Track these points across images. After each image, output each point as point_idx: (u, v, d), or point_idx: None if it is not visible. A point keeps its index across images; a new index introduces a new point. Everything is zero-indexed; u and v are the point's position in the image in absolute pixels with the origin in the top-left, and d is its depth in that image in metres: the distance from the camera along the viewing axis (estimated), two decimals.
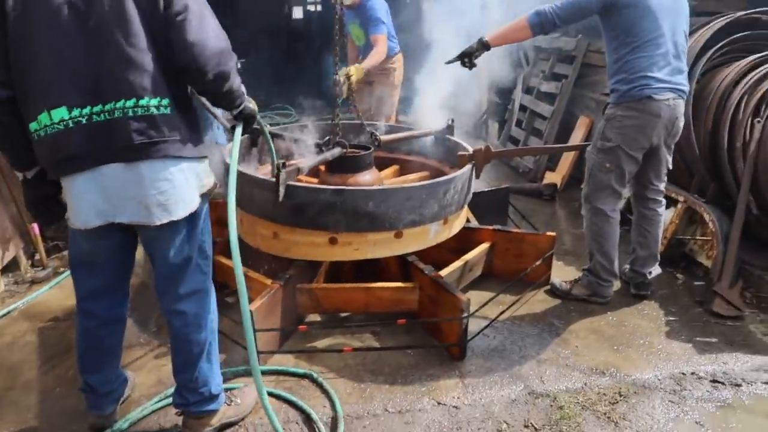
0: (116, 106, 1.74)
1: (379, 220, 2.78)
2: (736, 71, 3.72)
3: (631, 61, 2.87)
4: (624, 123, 2.94)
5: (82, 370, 2.20)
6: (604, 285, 3.26)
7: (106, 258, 2.04)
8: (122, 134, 1.76)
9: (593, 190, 3.14)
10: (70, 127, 1.74)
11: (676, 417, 2.44)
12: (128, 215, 1.86)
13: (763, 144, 3.33)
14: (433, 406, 2.46)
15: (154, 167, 1.82)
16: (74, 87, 1.73)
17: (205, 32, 1.77)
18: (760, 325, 3.13)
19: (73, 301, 3.20)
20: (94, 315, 2.12)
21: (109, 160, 1.78)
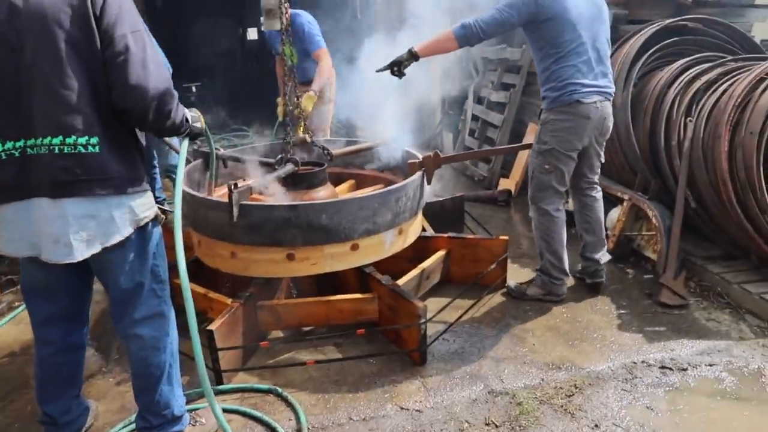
0: (43, 143, 1.75)
1: (334, 232, 2.84)
2: (669, 74, 3.94)
3: (558, 70, 3.05)
4: (557, 126, 3.11)
5: (40, 401, 2.18)
6: (557, 283, 3.40)
7: (56, 285, 2.03)
8: (49, 170, 1.76)
9: (536, 191, 3.29)
10: (3, 159, 1.77)
11: (629, 404, 2.55)
12: (48, 253, 1.85)
13: (695, 141, 3.52)
14: (397, 412, 2.52)
15: (79, 205, 1.81)
16: (8, 120, 1.76)
17: (146, 74, 1.77)
18: (703, 311, 3.30)
19: (30, 335, 3.17)
20: (49, 342, 2.11)
21: (37, 194, 1.79)
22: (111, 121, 1.83)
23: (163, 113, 1.86)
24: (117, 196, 1.87)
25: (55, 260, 1.85)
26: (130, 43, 1.76)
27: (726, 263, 3.62)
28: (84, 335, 2.23)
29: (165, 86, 1.84)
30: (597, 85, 3.09)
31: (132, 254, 1.98)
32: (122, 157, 1.88)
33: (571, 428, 2.40)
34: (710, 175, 3.42)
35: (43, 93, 1.74)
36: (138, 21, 1.85)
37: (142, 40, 1.81)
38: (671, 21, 4.15)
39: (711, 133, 3.43)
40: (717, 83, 3.68)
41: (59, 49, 1.72)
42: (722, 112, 3.37)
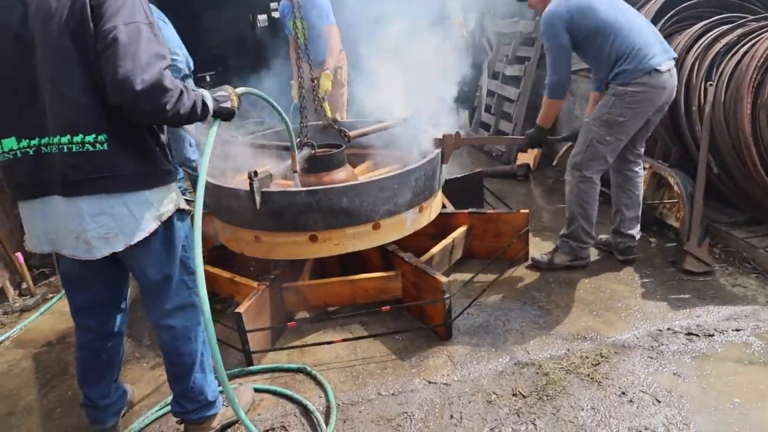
0: (53, 141, 1.76)
1: (355, 214, 2.87)
2: (688, 38, 3.87)
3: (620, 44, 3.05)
4: (635, 98, 3.07)
5: (81, 384, 2.26)
6: (584, 247, 3.44)
7: (90, 275, 2.06)
8: (60, 169, 1.77)
9: (588, 159, 3.26)
10: (18, 157, 1.81)
11: (655, 371, 2.56)
12: (69, 249, 1.88)
13: (717, 106, 3.47)
14: (425, 386, 2.56)
15: (93, 202, 1.80)
16: (22, 119, 1.78)
17: (134, 67, 1.64)
18: (729, 277, 3.27)
19: (65, 325, 3.30)
20: (88, 329, 2.16)
21: (51, 192, 1.82)
22: (120, 117, 1.75)
23: (158, 107, 1.69)
24: (133, 192, 1.83)
25: (76, 257, 1.88)
26: (119, 35, 1.65)
27: (751, 228, 3.58)
28: (122, 323, 2.26)
29: (155, 78, 1.66)
30: (664, 49, 3.11)
31: (159, 248, 1.97)
32: (134, 152, 1.83)
33: (598, 396, 2.42)
34: (733, 139, 3.37)
35: (51, 91, 1.74)
36: (137, 13, 1.72)
37: (136, 31, 1.68)
38: None
39: (732, 96, 3.37)
40: (738, 45, 3.60)
41: (63, 47, 1.70)
42: (744, 74, 3.31)
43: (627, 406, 2.35)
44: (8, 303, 3.58)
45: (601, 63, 3.17)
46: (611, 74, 3.13)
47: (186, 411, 2.25)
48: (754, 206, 3.60)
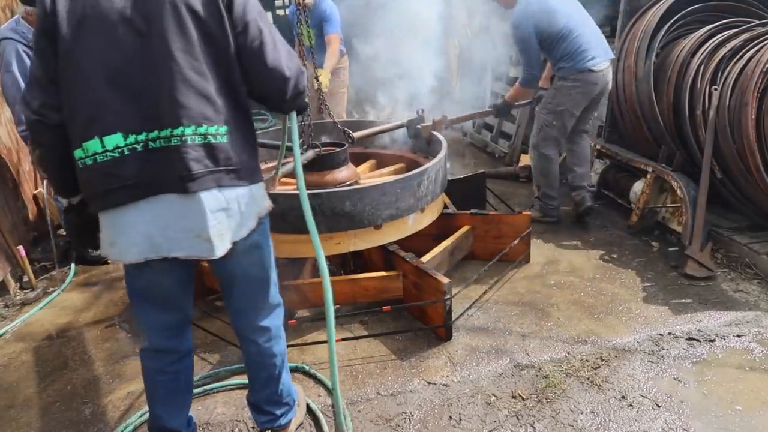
0: (174, 133, 1.62)
1: (357, 218, 2.86)
2: (692, 42, 3.85)
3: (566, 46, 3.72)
4: (570, 92, 3.80)
5: (161, 418, 2.03)
6: (552, 206, 4.16)
7: (169, 291, 1.89)
8: (180, 163, 1.63)
9: (541, 141, 4.00)
10: (126, 154, 1.62)
11: (656, 375, 2.55)
12: (186, 250, 1.71)
13: (721, 111, 3.46)
14: (424, 386, 2.56)
15: (212, 197, 1.69)
16: (131, 110, 1.61)
17: (280, 56, 1.73)
18: (731, 282, 3.27)
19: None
20: (167, 351, 1.97)
21: (165, 189, 1.66)
22: (237, 110, 1.74)
23: (299, 91, 1.82)
24: (244, 187, 1.77)
25: (195, 256, 1.73)
26: (262, 27, 1.69)
27: (754, 234, 3.57)
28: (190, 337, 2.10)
29: (297, 64, 1.79)
30: (604, 50, 3.78)
31: (258, 245, 1.90)
32: (245, 146, 1.78)
33: (598, 400, 2.42)
34: (737, 144, 3.36)
35: (175, 81, 1.61)
36: (258, 3, 1.75)
37: (267, 22, 1.73)
38: None
39: (737, 101, 3.36)
40: (743, 50, 3.59)
41: (191, 36, 1.62)
42: (749, 79, 3.30)
43: (627, 411, 2.35)
44: (9, 296, 3.58)
45: (550, 57, 3.86)
46: (556, 67, 3.85)
47: (275, 417, 2.16)
48: (757, 212, 3.59)
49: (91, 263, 3.98)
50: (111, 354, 2.94)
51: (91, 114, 1.61)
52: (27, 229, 4.15)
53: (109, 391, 2.66)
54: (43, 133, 1.68)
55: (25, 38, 3.38)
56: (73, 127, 1.64)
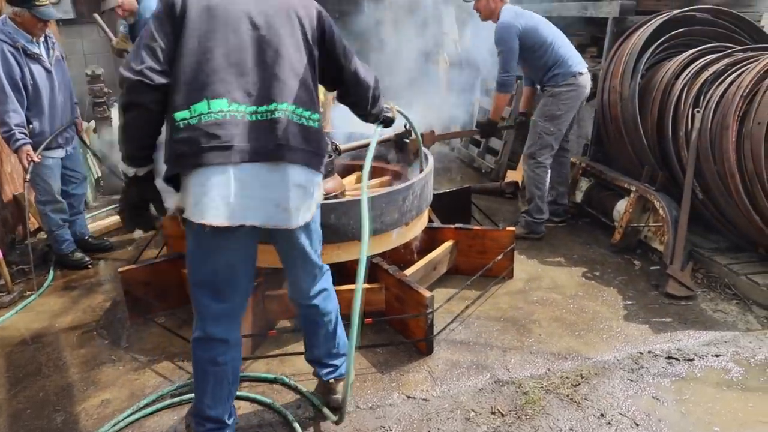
0: (279, 107, 1.88)
1: (341, 232, 2.85)
2: (677, 65, 3.92)
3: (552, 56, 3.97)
4: (567, 96, 3.99)
5: (207, 407, 2.09)
6: (539, 222, 4.20)
7: (234, 269, 2.00)
8: (280, 134, 1.86)
9: (539, 149, 4.09)
10: (227, 118, 1.81)
11: (635, 393, 2.56)
12: (264, 218, 1.89)
13: (703, 133, 3.51)
14: (403, 400, 2.54)
15: (297, 172, 1.91)
16: (239, 86, 1.85)
17: (364, 68, 2.21)
18: (710, 302, 3.30)
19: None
20: (221, 341, 2.05)
21: (257, 158, 1.84)
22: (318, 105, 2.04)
23: (378, 99, 2.34)
24: (319, 175, 2.02)
25: (270, 225, 1.91)
26: (347, 45, 2.14)
27: (733, 255, 3.62)
28: None
29: (375, 74, 2.28)
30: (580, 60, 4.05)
31: (314, 227, 2.17)
32: (324, 138, 2.07)
33: (577, 417, 2.41)
34: (718, 166, 3.41)
35: (283, 67, 1.91)
36: None
37: None
38: (679, 11, 4.13)
39: (719, 123, 3.42)
40: (725, 74, 3.66)
41: (298, 39, 1.97)
42: (730, 103, 3.36)
43: (605, 429, 2.35)
44: None
45: (537, 69, 4.08)
46: (546, 78, 4.04)
47: (336, 368, 2.43)
48: (737, 233, 3.64)
49: (71, 267, 3.92)
50: (87, 360, 2.89)
51: (205, 81, 1.82)
52: (5, 231, 4.09)
53: (82, 398, 2.61)
54: (142, 93, 1.80)
55: (10, 38, 3.36)
56: (183, 93, 1.82)
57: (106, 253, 4.18)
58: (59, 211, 3.81)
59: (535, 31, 3.94)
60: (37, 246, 4.18)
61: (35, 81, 3.46)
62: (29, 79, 3.43)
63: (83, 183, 4.10)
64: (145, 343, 3.01)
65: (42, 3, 3.37)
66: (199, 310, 2.04)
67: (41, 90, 3.51)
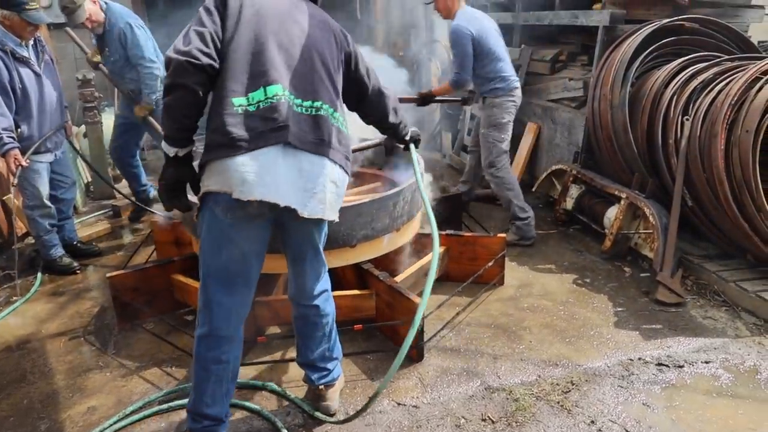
0: (322, 106, 2.02)
1: (332, 238, 2.82)
2: (666, 73, 3.96)
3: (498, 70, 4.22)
4: (509, 105, 4.26)
5: (205, 405, 2.10)
6: (527, 221, 4.24)
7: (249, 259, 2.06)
8: (323, 130, 2.00)
9: (495, 157, 4.28)
10: (282, 101, 1.91)
11: (625, 400, 2.56)
12: (302, 204, 1.96)
13: (692, 140, 3.54)
14: (393, 407, 2.52)
15: (334, 169, 2.04)
16: (289, 77, 1.98)
17: (384, 86, 2.36)
18: (700, 309, 3.31)
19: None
20: (227, 339, 2.09)
21: (304, 147, 1.95)
22: None
23: (398, 109, 2.49)
24: (348, 176, 2.14)
25: (308, 213, 1.97)
26: (369, 65, 2.31)
27: (722, 261, 3.64)
28: None
29: (393, 92, 2.44)
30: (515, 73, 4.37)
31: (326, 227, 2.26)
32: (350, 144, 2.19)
33: (568, 424, 2.41)
34: (707, 174, 3.44)
35: (321, 71, 2.05)
36: None
37: None
38: (668, 21, 4.17)
39: (707, 131, 3.44)
40: (713, 82, 3.69)
41: (334, 50, 2.13)
42: (718, 111, 3.38)
43: None
44: None
45: (480, 77, 4.24)
46: (488, 88, 4.25)
47: (329, 372, 2.42)
48: (726, 240, 3.66)
49: (59, 273, 3.88)
50: (73, 367, 2.86)
51: (261, 70, 1.92)
52: None
53: (68, 405, 2.57)
54: (188, 73, 1.83)
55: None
56: (239, 81, 1.91)
57: (94, 259, 4.15)
58: (47, 216, 3.78)
59: (486, 40, 4.12)
60: (24, 251, 4.14)
61: (24, 84, 3.44)
62: (18, 83, 3.40)
63: (72, 188, 4.07)
64: (133, 350, 2.98)
65: (32, 6, 3.35)
66: (208, 303, 2.06)
67: (30, 94, 3.48)
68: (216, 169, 1.90)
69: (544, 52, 5.41)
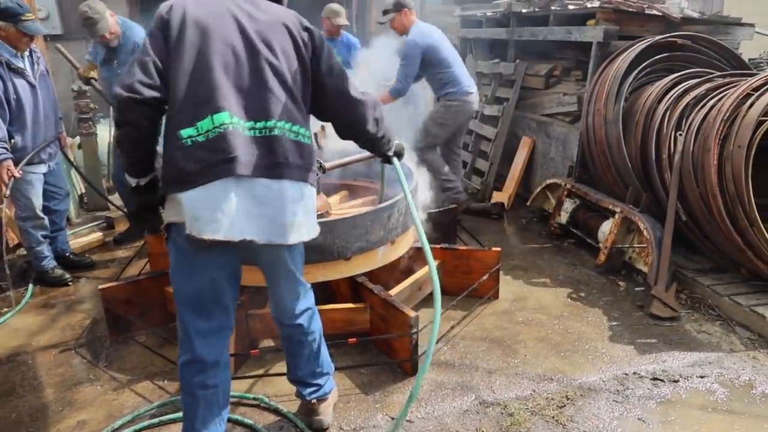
0: (276, 125, 1.90)
1: (327, 251, 2.83)
2: (659, 89, 3.99)
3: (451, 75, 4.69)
4: (454, 110, 4.78)
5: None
6: (453, 188, 4.96)
7: (220, 287, 2.00)
8: (279, 150, 1.89)
9: (425, 146, 4.83)
10: (230, 129, 1.82)
11: (621, 415, 2.54)
12: (260, 233, 1.88)
13: (685, 155, 3.56)
14: (387, 422, 2.50)
15: (295, 188, 1.94)
16: (237, 101, 1.87)
17: (357, 90, 2.12)
18: (694, 323, 3.31)
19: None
20: (210, 363, 2.04)
21: (258, 173, 1.86)
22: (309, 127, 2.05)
23: (381, 119, 2.20)
24: (312, 186, 2.04)
25: (269, 241, 1.90)
26: (342, 68, 2.10)
27: (716, 276, 3.65)
28: None
29: (372, 97, 2.19)
30: (471, 81, 4.86)
31: (298, 246, 2.14)
32: (314, 152, 2.08)
33: None
34: (700, 188, 3.46)
35: (277, 84, 1.92)
36: None
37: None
38: (661, 37, 4.22)
39: (700, 146, 3.47)
40: (706, 98, 3.72)
41: (291, 57, 1.98)
42: (711, 126, 3.41)
43: None
44: None
45: (436, 83, 4.78)
46: (443, 92, 4.77)
47: (321, 386, 2.39)
48: (720, 254, 3.67)
49: (50, 284, 3.84)
50: (63, 380, 2.82)
51: (207, 96, 1.83)
52: None
53: (57, 419, 2.54)
54: (132, 109, 1.80)
55: None
56: (186, 110, 1.83)
57: (87, 270, 4.11)
58: (40, 228, 3.75)
59: (437, 50, 4.57)
60: (16, 262, 4.11)
61: (18, 95, 3.43)
62: (12, 94, 3.40)
63: (66, 199, 4.05)
64: (124, 363, 2.95)
65: (28, 18, 3.36)
66: (186, 331, 2.01)
67: (24, 104, 3.48)
68: (172, 201, 1.88)
69: (539, 67, 5.45)
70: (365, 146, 2.32)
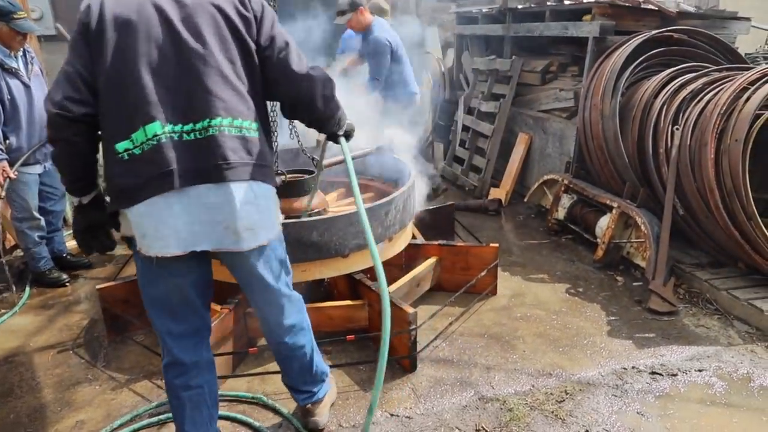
0: (212, 124, 1.73)
1: (325, 248, 2.83)
2: (656, 83, 3.99)
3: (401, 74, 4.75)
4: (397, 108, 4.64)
5: None
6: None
7: (187, 294, 1.92)
8: (217, 151, 1.73)
9: None
10: (163, 141, 1.69)
11: (619, 409, 2.54)
12: (214, 242, 1.79)
13: (682, 149, 3.56)
14: (387, 418, 2.50)
15: (242, 189, 1.78)
16: (169, 104, 1.71)
17: (303, 63, 1.90)
18: (692, 317, 3.31)
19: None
20: (190, 364, 1.99)
21: (199, 180, 1.73)
22: (261, 113, 1.88)
23: (331, 97, 1.97)
24: (270, 186, 1.89)
25: (222, 249, 1.81)
26: (287, 39, 1.89)
27: (714, 270, 3.65)
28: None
29: (323, 72, 1.95)
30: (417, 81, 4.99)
31: (279, 246, 2.01)
32: (270, 146, 1.93)
33: None
34: (697, 183, 3.46)
35: (213, 77, 1.74)
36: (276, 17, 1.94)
37: (287, 34, 1.92)
38: (657, 32, 4.21)
39: (697, 140, 3.47)
40: (702, 92, 3.72)
41: (228, 40, 1.79)
42: (708, 120, 3.41)
43: None
44: None
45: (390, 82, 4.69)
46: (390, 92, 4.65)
47: (313, 393, 2.34)
48: (717, 248, 3.68)
49: (48, 285, 3.83)
50: (61, 381, 2.81)
51: (136, 105, 1.69)
52: None
53: (56, 420, 2.53)
54: (62, 127, 1.70)
55: None
56: (119, 122, 1.71)
57: (84, 271, 4.10)
58: (36, 228, 3.74)
59: (397, 50, 4.60)
60: (13, 263, 4.10)
61: (12, 96, 3.42)
62: (6, 94, 3.38)
63: (62, 200, 4.03)
64: (122, 362, 2.94)
65: (20, 16, 3.34)
66: (161, 334, 1.98)
67: (19, 105, 3.46)
68: (122, 216, 1.82)
69: (535, 63, 5.45)
70: (313, 125, 2.08)
